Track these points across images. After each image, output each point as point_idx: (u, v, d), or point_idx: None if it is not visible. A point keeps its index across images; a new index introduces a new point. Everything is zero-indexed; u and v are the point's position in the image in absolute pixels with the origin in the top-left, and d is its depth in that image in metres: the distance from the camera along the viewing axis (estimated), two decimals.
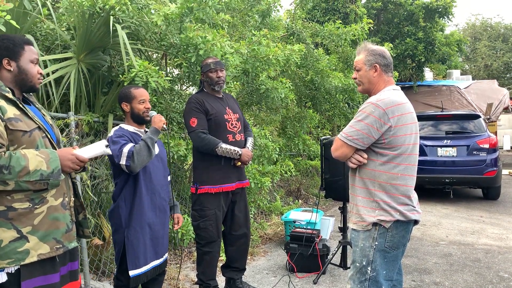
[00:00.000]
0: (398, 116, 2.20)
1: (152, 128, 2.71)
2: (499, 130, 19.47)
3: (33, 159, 1.81)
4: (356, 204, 2.33)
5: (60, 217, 1.95)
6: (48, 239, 1.89)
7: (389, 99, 2.22)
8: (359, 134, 2.20)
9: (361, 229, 2.26)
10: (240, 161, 3.40)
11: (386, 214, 2.20)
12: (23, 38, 2.00)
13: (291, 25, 7.26)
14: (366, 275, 2.22)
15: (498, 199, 8.30)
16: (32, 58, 1.98)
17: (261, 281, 4.05)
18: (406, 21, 13.39)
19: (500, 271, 4.28)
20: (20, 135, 1.85)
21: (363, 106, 2.24)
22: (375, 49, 2.36)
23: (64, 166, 1.92)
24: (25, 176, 1.78)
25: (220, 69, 3.41)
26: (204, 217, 3.35)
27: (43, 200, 1.89)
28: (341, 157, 2.29)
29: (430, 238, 5.58)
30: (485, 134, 7.83)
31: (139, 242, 2.66)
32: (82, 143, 3.69)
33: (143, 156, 2.56)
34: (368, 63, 2.34)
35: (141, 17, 3.93)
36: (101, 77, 4.07)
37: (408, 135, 2.24)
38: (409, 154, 2.25)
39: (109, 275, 3.82)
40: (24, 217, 1.83)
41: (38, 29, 3.82)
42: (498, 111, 13.75)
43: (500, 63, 30.64)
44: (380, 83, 2.35)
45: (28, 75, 1.97)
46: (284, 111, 7.10)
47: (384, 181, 2.22)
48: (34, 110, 2.04)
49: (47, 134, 1.97)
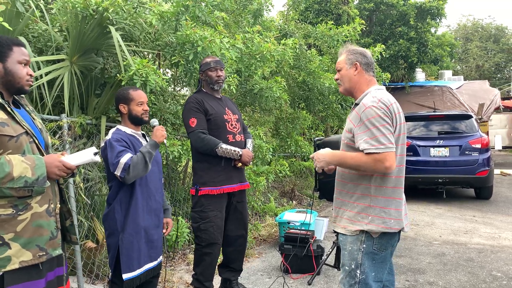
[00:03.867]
0: (397, 115, 2.20)
1: (152, 141, 2.68)
2: (490, 130, 19.63)
3: (18, 165, 1.77)
4: (345, 209, 2.31)
5: (44, 224, 1.90)
6: (31, 246, 1.84)
7: (386, 98, 2.20)
8: (391, 137, 2.12)
9: (349, 234, 2.25)
10: (240, 162, 3.37)
11: (376, 224, 2.17)
12: (12, 39, 1.95)
13: (283, 26, 7.29)
14: (356, 278, 2.21)
15: (490, 198, 8.36)
16: (20, 59, 1.92)
17: (256, 282, 4.05)
18: (398, 21, 13.47)
19: (493, 270, 4.31)
20: (6, 140, 1.80)
21: (365, 114, 2.15)
22: (355, 49, 2.37)
23: (50, 173, 1.88)
24: (8, 182, 1.74)
25: (220, 68, 3.38)
26: (205, 218, 3.31)
27: (27, 207, 1.84)
28: (390, 169, 2.11)
29: (423, 238, 5.61)
30: (477, 134, 7.89)
31: (133, 246, 2.64)
32: (74, 146, 3.67)
33: (139, 170, 2.54)
34: (348, 61, 2.34)
35: (135, 18, 3.92)
36: (94, 79, 4.05)
37: (402, 135, 2.24)
38: (401, 155, 2.25)
39: (102, 278, 3.80)
40: (6, 224, 1.78)
41: (30, 30, 3.80)
42: (489, 111, 13.86)
43: (492, 63, 30.91)
44: (361, 82, 2.32)
45: (15, 76, 1.90)
46: (277, 112, 7.11)
47: (378, 185, 2.20)
48: (23, 113, 1.99)
49: (34, 139, 1.93)
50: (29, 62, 1.98)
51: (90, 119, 3.83)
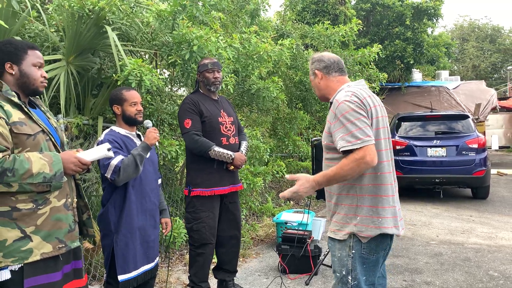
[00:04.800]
0: (372, 108, 2.14)
1: (144, 143, 2.66)
2: (487, 130, 19.72)
3: (36, 162, 1.87)
4: (334, 212, 2.27)
5: (63, 217, 2.01)
6: (51, 239, 1.95)
7: (359, 92, 2.15)
8: (368, 130, 2.03)
9: (337, 238, 2.21)
10: (233, 165, 3.40)
11: (365, 225, 2.12)
12: (27, 43, 2.06)
13: (280, 26, 7.29)
14: (348, 284, 2.18)
15: (487, 198, 8.38)
16: (35, 62, 2.03)
17: (253, 283, 4.05)
18: (395, 22, 13.50)
19: (489, 269, 4.32)
20: (24, 139, 1.91)
21: (338, 110, 2.09)
22: (313, 57, 2.38)
23: (67, 168, 1.98)
24: (28, 178, 1.84)
25: (217, 70, 3.40)
26: (198, 219, 3.33)
27: (46, 201, 1.95)
28: (372, 164, 2.01)
29: (420, 238, 5.62)
30: (474, 134, 7.91)
31: (128, 247, 2.63)
32: (71, 146, 3.65)
33: (129, 173, 2.54)
34: (311, 72, 2.38)
35: (132, 18, 3.91)
36: (90, 79, 4.04)
37: (382, 129, 2.17)
38: (385, 150, 2.17)
39: (99, 278, 3.79)
40: (27, 217, 1.89)
41: (27, 30, 3.78)
42: (486, 111, 13.92)
43: (488, 63, 31.02)
44: (330, 85, 2.30)
45: (30, 78, 2.01)
46: (275, 112, 7.12)
47: (364, 184, 2.14)
48: (39, 113, 2.10)
49: (51, 137, 2.04)
50: (43, 65, 2.09)
51: (87, 119, 3.82)
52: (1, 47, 1.98)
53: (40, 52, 2.10)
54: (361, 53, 7.56)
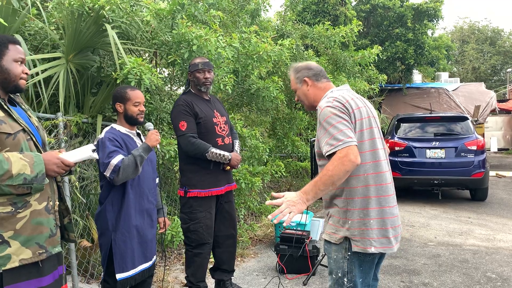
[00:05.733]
0: (355, 110, 2.13)
1: (145, 145, 2.66)
2: (486, 132, 19.73)
3: (16, 162, 1.75)
4: (330, 215, 2.28)
5: (44, 221, 1.89)
6: (30, 244, 1.83)
7: (341, 96, 2.16)
8: (349, 132, 2.04)
9: (333, 241, 2.22)
10: (229, 166, 3.41)
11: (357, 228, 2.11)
12: (8, 37, 1.93)
13: (281, 26, 7.29)
14: (344, 286, 2.18)
15: (485, 200, 8.38)
16: (16, 57, 1.90)
17: (251, 282, 4.04)
18: (395, 23, 13.51)
19: (487, 271, 4.33)
20: (3, 138, 1.79)
21: (321, 116, 2.11)
22: (299, 66, 2.38)
23: (49, 170, 1.86)
24: (7, 180, 1.73)
25: (208, 70, 3.36)
26: (194, 219, 3.33)
27: (26, 204, 1.83)
28: (356, 162, 2.00)
29: (418, 239, 5.62)
30: (472, 136, 7.92)
31: (126, 246, 2.63)
32: (70, 144, 3.65)
33: (128, 173, 2.54)
34: (297, 80, 2.36)
35: (132, 17, 3.91)
36: (90, 78, 4.03)
37: (367, 130, 2.16)
38: (371, 151, 2.15)
39: (97, 277, 3.79)
40: (5, 222, 1.77)
41: (26, 28, 3.78)
42: (485, 113, 13.94)
43: (488, 65, 31.04)
44: (317, 93, 2.32)
45: (11, 74, 1.89)
46: (274, 112, 7.11)
47: (352, 186, 2.13)
48: (19, 111, 1.98)
49: (32, 137, 1.92)
50: (24, 60, 1.96)
51: (86, 117, 3.81)
52: None
53: (22, 46, 1.97)
54: (361, 54, 7.57)
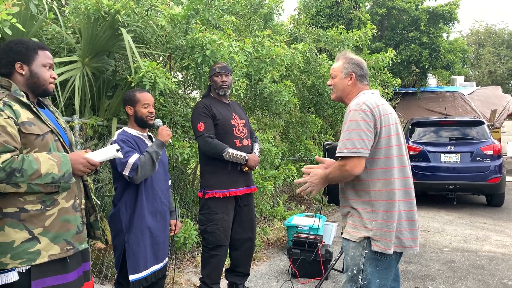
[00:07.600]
0: (383, 116, 2.17)
1: (158, 141, 2.72)
2: (503, 137, 19.40)
3: (45, 162, 1.85)
4: (350, 215, 2.30)
5: (71, 219, 1.99)
6: (58, 240, 1.93)
7: (370, 101, 2.19)
8: (360, 143, 2.11)
9: (352, 240, 2.23)
10: (247, 166, 3.42)
11: (379, 229, 2.14)
12: (38, 43, 2.03)
13: (294, 30, 7.29)
14: (358, 283, 2.19)
15: (502, 206, 8.25)
16: (45, 63, 2.01)
17: (263, 286, 4.04)
18: (410, 26, 13.41)
19: (504, 278, 4.25)
20: (33, 139, 1.89)
21: (349, 116, 2.18)
22: (353, 58, 2.36)
23: (76, 169, 1.96)
24: (37, 179, 1.82)
25: (226, 74, 3.45)
26: (212, 221, 3.35)
27: (54, 202, 1.93)
28: (352, 173, 2.14)
29: (433, 244, 5.55)
30: (489, 141, 7.81)
31: (139, 247, 2.65)
32: (86, 147, 3.70)
33: (147, 170, 2.58)
34: (344, 70, 2.34)
35: (147, 21, 3.96)
36: (105, 81, 4.09)
37: (394, 136, 2.21)
38: (398, 156, 2.20)
39: (111, 278, 3.82)
40: (35, 219, 1.87)
41: (44, 32, 3.85)
42: (502, 118, 13.73)
43: (504, 69, 30.57)
44: (353, 91, 2.34)
45: (40, 79, 1.99)
46: (287, 116, 7.11)
47: (378, 189, 2.17)
48: (47, 113, 2.09)
49: (59, 138, 2.02)
50: (52, 66, 2.07)
51: (101, 120, 3.86)
52: (12, 47, 1.96)
53: (50, 52, 2.08)
54: (375, 58, 7.53)
